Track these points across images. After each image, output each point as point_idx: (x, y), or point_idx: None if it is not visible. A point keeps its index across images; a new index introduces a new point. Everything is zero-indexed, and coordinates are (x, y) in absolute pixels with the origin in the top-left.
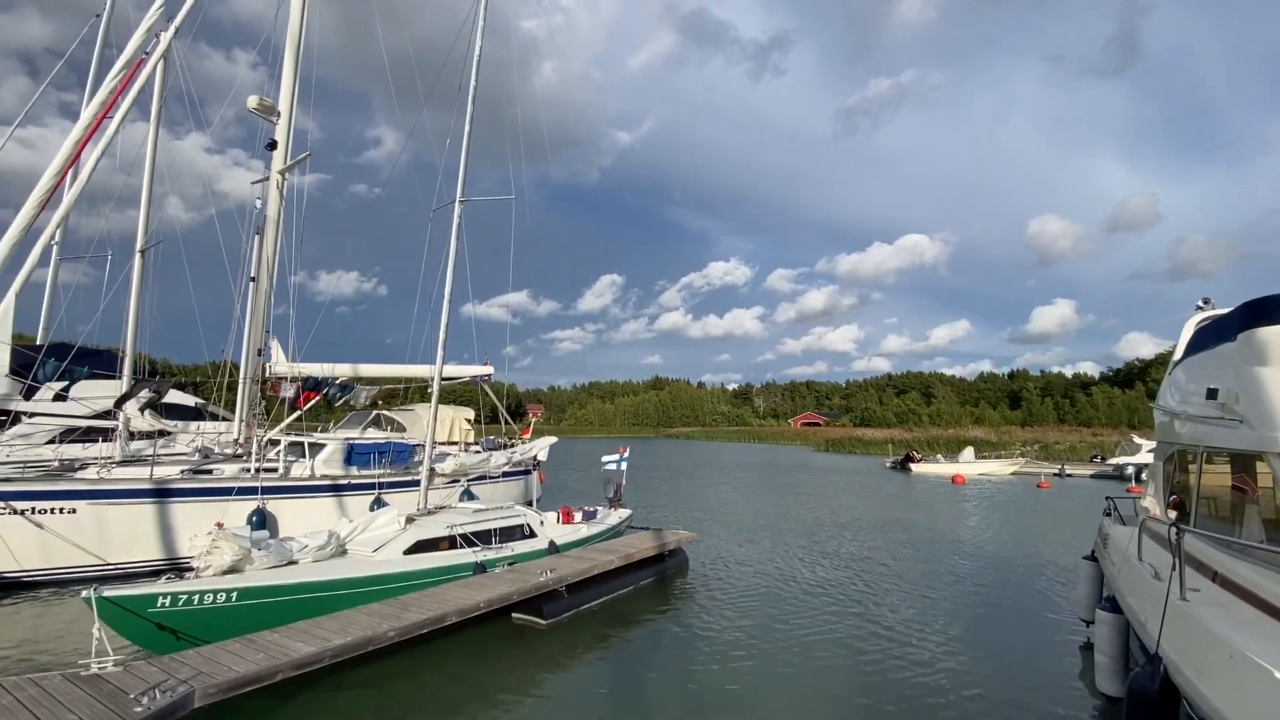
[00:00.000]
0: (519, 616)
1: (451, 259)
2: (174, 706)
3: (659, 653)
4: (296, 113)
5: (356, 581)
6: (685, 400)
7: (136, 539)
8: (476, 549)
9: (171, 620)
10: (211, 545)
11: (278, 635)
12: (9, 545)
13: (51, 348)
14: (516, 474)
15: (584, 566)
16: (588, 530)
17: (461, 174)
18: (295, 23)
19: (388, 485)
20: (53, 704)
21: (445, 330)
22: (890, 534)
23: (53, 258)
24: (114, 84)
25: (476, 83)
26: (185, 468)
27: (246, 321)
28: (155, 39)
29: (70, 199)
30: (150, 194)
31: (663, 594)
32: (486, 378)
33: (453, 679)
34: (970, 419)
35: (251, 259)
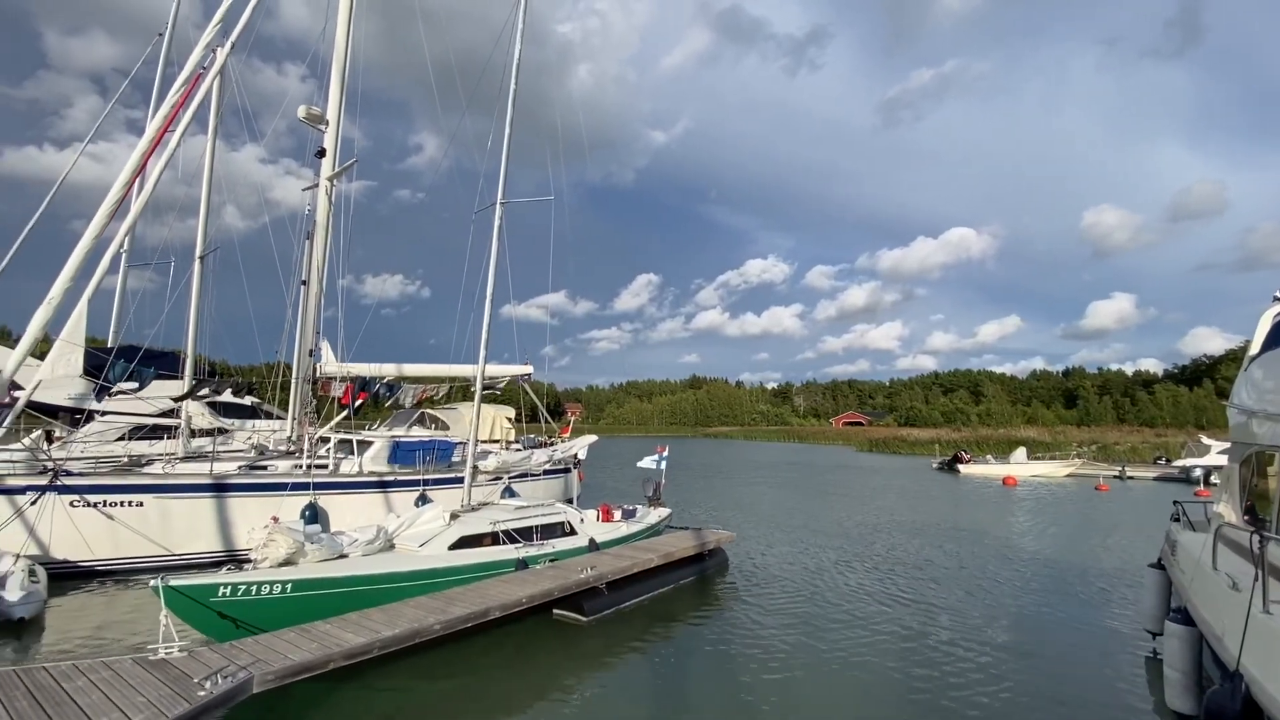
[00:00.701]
0: (560, 613)
1: (493, 260)
2: (234, 691)
3: (700, 652)
4: (343, 121)
5: (403, 576)
6: (723, 399)
7: (198, 531)
8: (518, 545)
9: (231, 609)
10: (268, 538)
11: (330, 626)
12: (83, 535)
13: (121, 350)
14: (556, 472)
15: (624, 564)
16: (627, 529)
17: (502, 177)
18: (341, 35)
19: (432, 482)
20: (124, 686)
21: (487, 331)
22: (937, 537)
23: (121, 265)
24: (175, 99)
25: (516, 86)
26: (242, 464)
27: (299, 324)
28: (212, 55)
29: (136, 209)
30: (208, 203)
31: (703, 594)
32: (527, 377)
33: (496, 673)
34: (1022, 418)
35: (303, 263)
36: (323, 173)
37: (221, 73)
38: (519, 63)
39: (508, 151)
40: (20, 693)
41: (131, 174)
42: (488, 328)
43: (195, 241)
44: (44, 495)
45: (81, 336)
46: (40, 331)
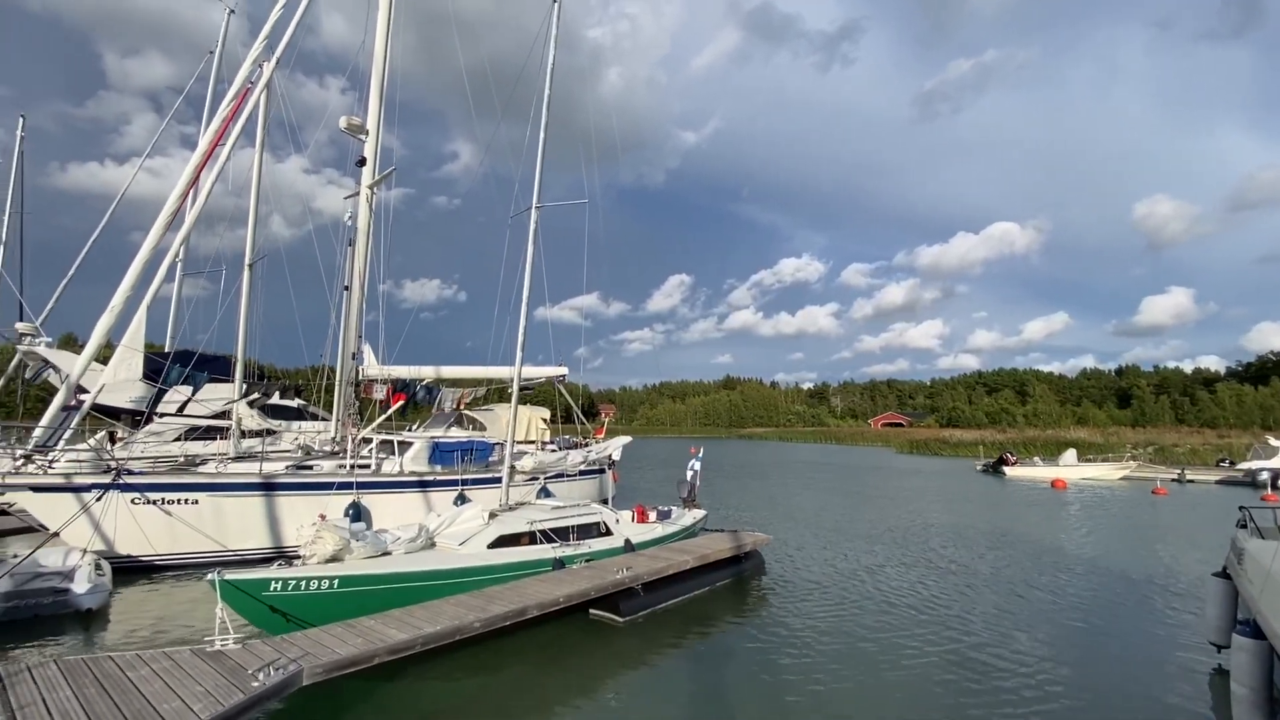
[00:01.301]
0: (596, 613)
1: (529, 263)
2: (286, 683)
3: (736, 655)
4: (382, 131)
5: (444, 573)
6: (758, 400)
7: (249, 528)
8: (555, 545)
9: (282, 603)
10: (316, 535)
11: (374, 621)
12: (144, 531)
13: (177, 355)
14: (591, 472)
15: (660, 566)
16: (662, 530)
17: (537, 181)
18: (380, 48)
19: (470, 482)
20: (183, 676)
21: (524, 333)
22: (981, 541)
23: (177, 274)
24: (225, 113)
25: (550, 92)
26: (289, 464)
27: (342, 328)
28: (259, 70)
29: (190, 220)
30: (256, 213)
31: (739, 596)
32: (562, 378)
33: (533, 670)
34: (1072, 419)
35: (345, 269)
36: (363, 181)
37: (268, 87)
38: (553, 68)
39: (543, 156)
40: (89, 680)
41: (186, 186)
42: (524, 330)
43: (244, 250)
44: (107, 493)
45: (141, 342)
46: (104, 338)
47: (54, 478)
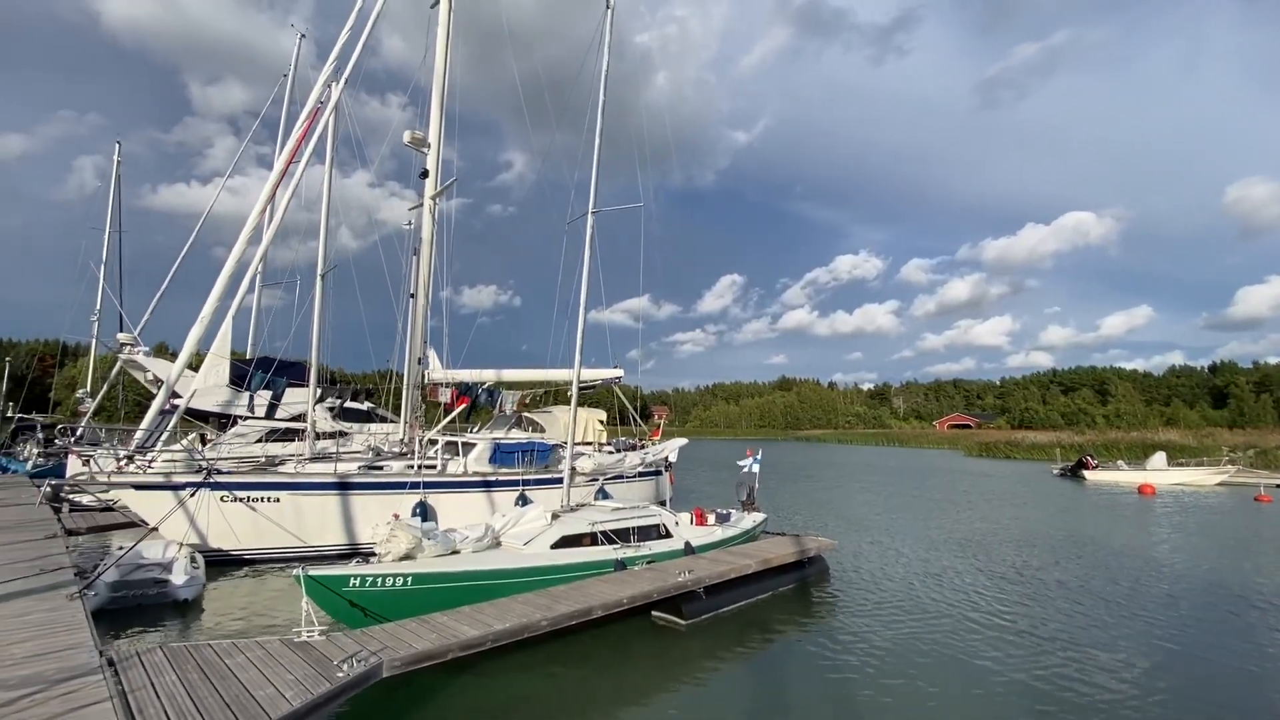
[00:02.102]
0: (659, 615)
1: (585, 268)
2: (368, 674)
3: (800, 662)
4: (442, 144)
5: (510, 573)
6: (815, 401)
7: (326, 525)
8: (616, 546)
9: (360, 598)
10: (390, 534)
11: (446, 618)
12: (232, 527)
13: (259, 361)
14: (649, 474)
15: (722, 569)
16: (722, 533)
17: (593, 187)
18: (439, 64)
19: (531, 482)
20: (275, 664)
21: (582, 336)
22: (1062, 549)
23: (256, 285)
24: (298, 133)
25: (605, 97)
26: (361, 464)
27: (408, 334)
28: (328, 90)
29: (269, 236)
30: (327, 226)
31: (803, 602)
32: (617, 380)
33: (599, 670)
34: (1159, 419)
35: (410, 277)
36: (426, 192)
37: (335, 107)
38: (607, 74)
39: (598, 162)
40: (191, 666)
41: (264, 204)
42: (582, 334)
43: (317, 261)
44: (200, 491)
45: (227, 350)
46: (195, 346)
47: (153, 477)
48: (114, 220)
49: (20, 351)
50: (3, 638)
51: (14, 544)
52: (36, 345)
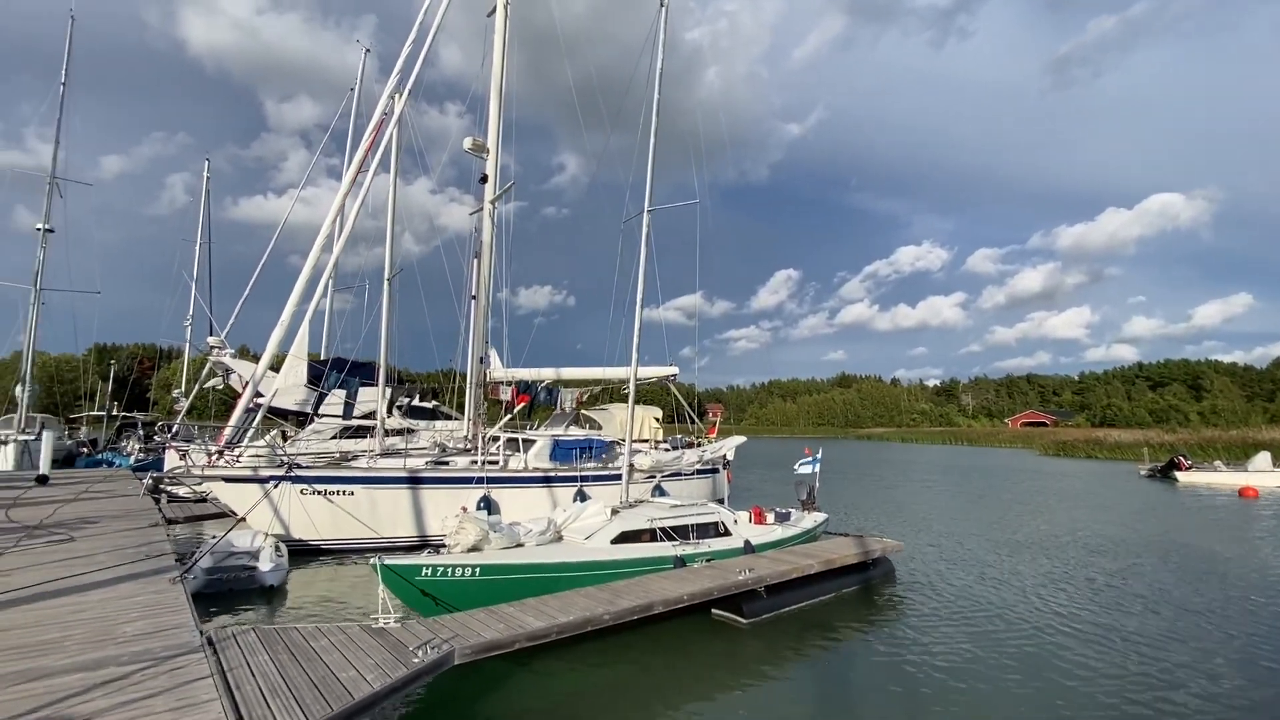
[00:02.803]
0: (719, 613)
1: (641, 266)
2: (441, 661)
3: (864, 666)
4: (500, 149)
5: (573, 566)
6: (877, 398)
7: (397, 517)
8: (675, 543)
9: (432, 588)
10: (459, 526)
11: (513, 609)
12: (311, 518)
13: (333, 362)
14: (706, 472)
15: (783, 568)
16: (782, 532)
17: (649, 185)
18: (497, 71)
19: (589, 478)
20: (355, 648)
21: (638, 334)
22: (1151, 556)
23: (329, 290)
24: (365, 144)
25: (660, 95)
26: (428, 460)
27: (470, 334)
28: (392, 101)
29: (340, 243)
30: (392, 232)
31: (867, 604)
32: (673, 378)
33: (660, 665)
34: (1263, 417)
35: (472, 280)
36: (486, 197)
37: (399, 118)
38: (662, 72)
39: (653, 161)
40: (281, 647)
41: (335, 213)
42: (638, 332)
43: (383, 266)
44: (282, 484)
45: (305, 351)
46: (276, 348)
47: (241, 470)
48: (204, 232)
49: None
50: (116, 616)
51: (122, 531)
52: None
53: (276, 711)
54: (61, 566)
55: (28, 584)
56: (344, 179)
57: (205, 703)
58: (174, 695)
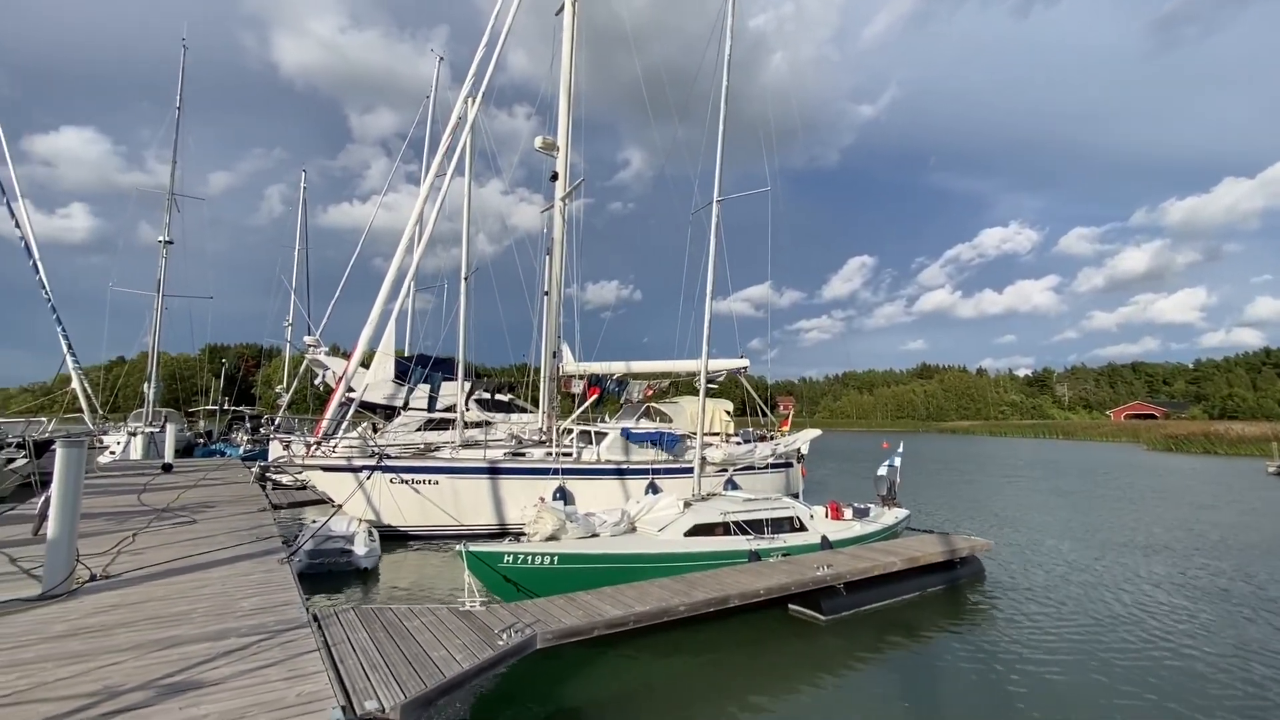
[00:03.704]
0: (796, 609)
1: (711, 257)
2: (524, 644)
3: (951, 669)
4: (570, 146)
5: (647, 557)
6: (961, 389)
7: (478, 506)
8: (749, 537)
9: (513, 574)
10: (538, 516)
11: (590, 597)
12: (399, 506)
13: (418, 359)
14: (779, 466)
15: (863, 565)
16: (861, 528)
17: (717, 175)
18: (566, 69)
19: (661, 471)
20: (445, 630)
21: (709, 326)
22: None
23: (411, 290)
24: (442, 150)
25: (728, 83)
26: (506, 451)
27: (544, 330)
28: (466, 106)
29: (422, 245)
30: (468, 233)
31: (953, 605)
32: (744, 370)
33: (734, 659)
34: None
35: (544, 276)
36: (557, 194)
37: (472, 123)
38: (730, 60)
39: (722, 150)
40: (378, 626)
41: (415, 218)
42: (709, 324)
43: (459, 266)
44: (373, 474)
45: (392, 349)
46: (366, 346)
47: (337, 460)
48: (301, 239)
49: (231, 354)
50: (234, 592)
51: (236, 515)
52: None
53: (376, 685)
54: (186, 546)
55: (160, 561)
56: (423, 185)
57: (313, 674)
58: (286, 666)
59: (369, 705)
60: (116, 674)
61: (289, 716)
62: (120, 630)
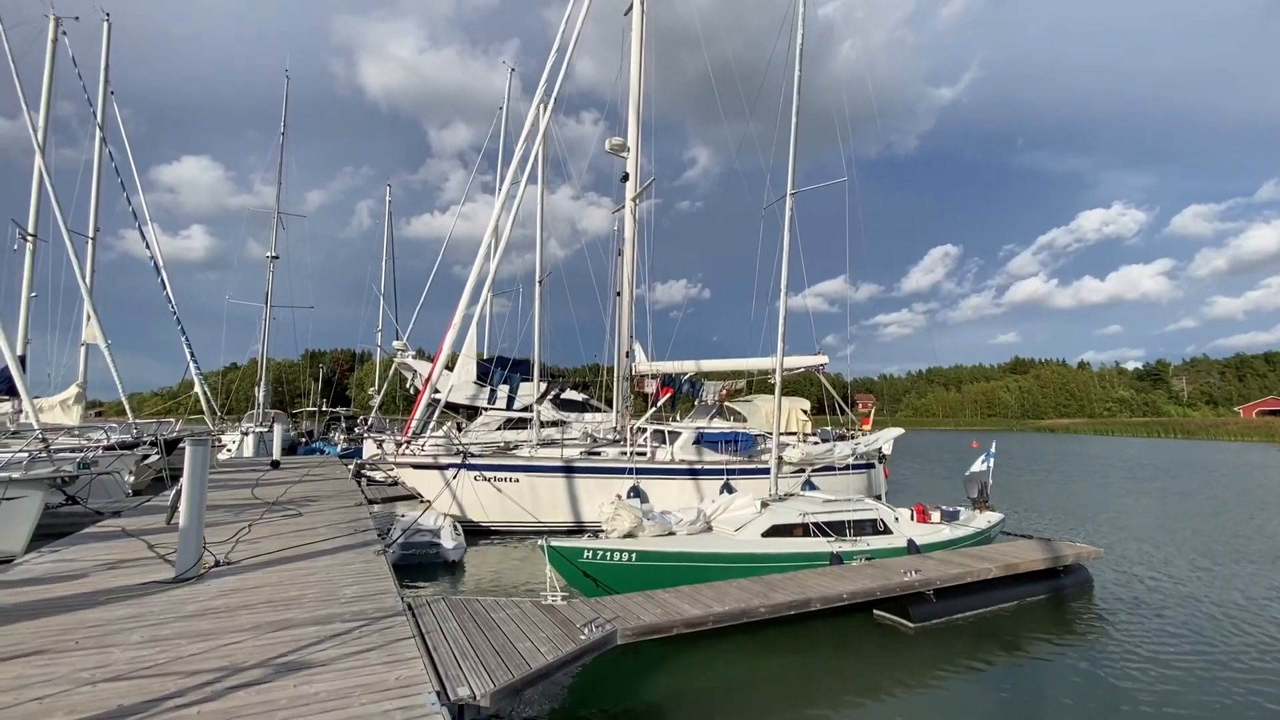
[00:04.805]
0: (882, 614)
1: (785, 252)
2: (605, 639)
3: (1052, 685)
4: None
5: (724, 556)
6: (1059, 384)
7: (556, 503)
8: (830, 539)
9: (593, 570)
10: (615, 513)
11: (668, 595)
12: (482, 503)
13: (498, 360)
14: (860, 466)
15: (955, 571)
16: (950, 532)
17: (790, 167)
18: (635, 69)
19: (736, 471)
20: (529, 622)
21: (783, 323)
22: None
23: (489, 295)
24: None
25: (801, 72)
26: (581, 450)
27: (617, 330)
28: (539, 112)
29: (499, 252)
30: (542, 239)
31: (1057, 617)
32: (821, 367)
33: (817, 664)
34: None
35: (618, 276)
36: (628, 194)
37: (544, 132)
38: (802, 51)
39: (795, 143)
40: (466, 616)
41: (493, 226)
42: (784, 320)
43: (534, 270)
44: (459, 471)
45: (474, 351)
46: (450, 349)
47: (425, 458)
48: (388, 250)
49: (327, 359)
50: (338, 580)
51: (335, 509)
52: (338, 353)
53: (467, 673)
54: (294, 536)
55: (272, 550)
56: (498, 194)
57: (410, 659)
58: (385, 651)
59: (461, 692)
60: (239, 652)
61: (389, 699)
62: (242, 612)
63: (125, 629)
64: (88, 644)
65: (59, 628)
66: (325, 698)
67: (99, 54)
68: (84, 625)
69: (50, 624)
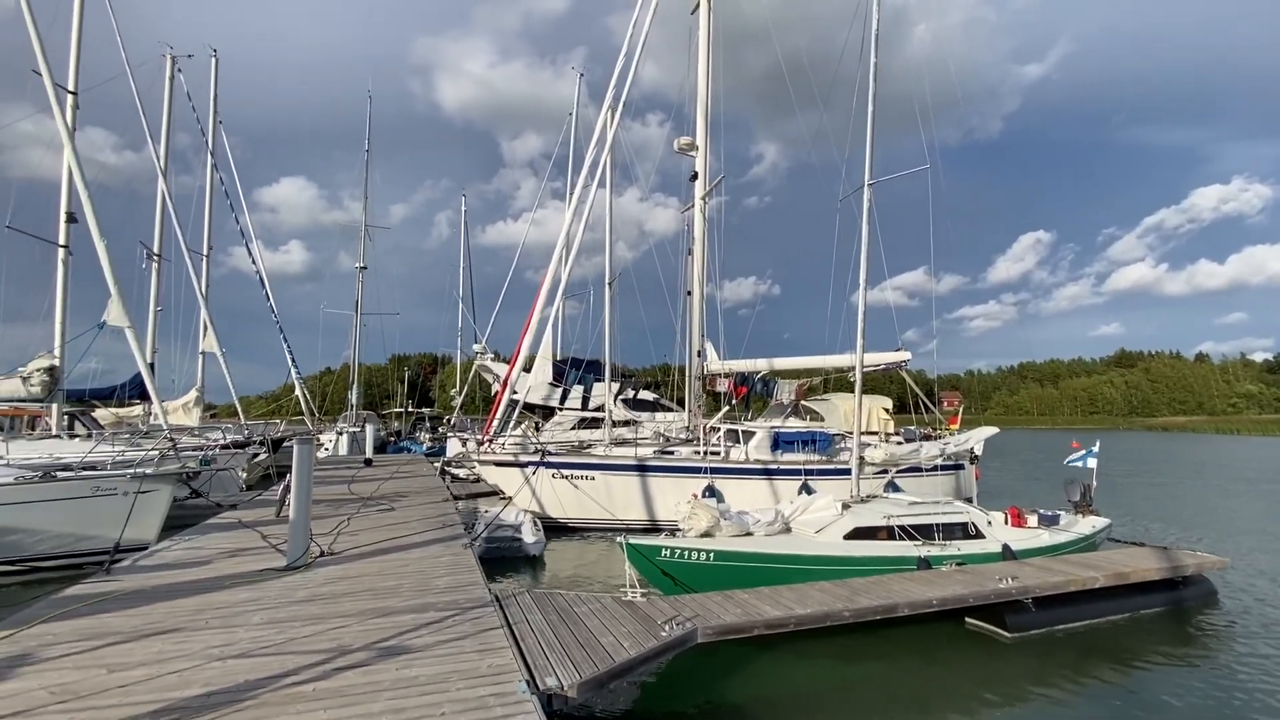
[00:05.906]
0: (975, 623)
1: (865, 244)
2: (686, 637)
3: (1166, 707)
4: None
5: (805, 559)
6: (1173, 379)
7: (630, 501)
8: (917, 543)
9: (671, 568)
10: (692, 512)
11: (748, 596)
12: (560, 500)
13: (572, 361)
14: (949, 467)
15: (1056, 579)
16: (1049, 537)
17: (868, 157)
18: (702, 67)
19: (814, 472)
20: (610, 617)
21: (863, 318)
22: None
23: (562, 299)
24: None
25: (877, 59)
26: (655, 449)
27: (688, 329)
28: (608, 116)
29: (571, 256)
30: (611, 242)
31: (1175, 631)
32: (903, 364)
33: (904, 672)
34: None
35: (688, 275)
36: (697, 193)
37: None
38: (877, 35)
39: (872, 131)
40: (550, 609)
41: (565, 232)
42: (863, 315)
43: (603, 273)
44: (537, 469)
45: (550, 353)
46: (528, 351)
47: (505, 456)
48: (465, 257)
49: (412, 363)
50: (430, 571)
51: (424, 504)
52: (422, 357)
53: (554, 664)
54: (388, 530)
55: (370, 542)
56: (569, 201)
57: (499, 649)
58: (477, 640)
59: (549, 682)
60: (345, 635)
61: (483, 685)
62: (346, 599)
63: (247, 611)
64: (215, 623)
65: (191, 608)
66: (424, 681)
67: (208, 87)
68: (212, 606)
69: (184, 605)
